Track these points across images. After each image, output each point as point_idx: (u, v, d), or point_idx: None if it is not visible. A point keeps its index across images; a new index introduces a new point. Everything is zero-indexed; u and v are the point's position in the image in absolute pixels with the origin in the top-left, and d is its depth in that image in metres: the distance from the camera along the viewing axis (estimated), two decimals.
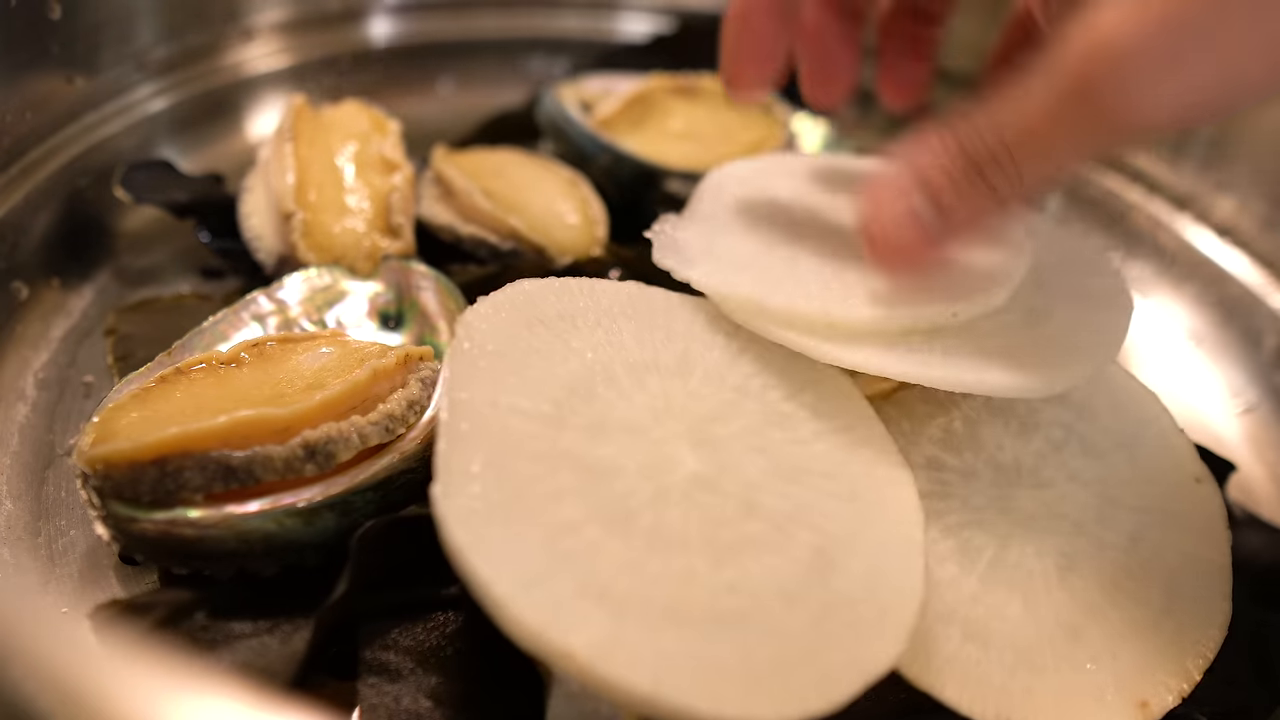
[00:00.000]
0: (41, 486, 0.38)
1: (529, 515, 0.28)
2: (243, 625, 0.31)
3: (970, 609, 0.32)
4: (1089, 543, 0.34)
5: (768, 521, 0.30)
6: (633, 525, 0.28)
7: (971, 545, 0.33)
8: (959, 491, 0.34)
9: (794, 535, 0.30)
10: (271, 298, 0.40)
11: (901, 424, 0.35)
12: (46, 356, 0.43)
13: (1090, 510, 0.34)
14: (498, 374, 0.31)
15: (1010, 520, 0.34)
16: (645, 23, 0.69)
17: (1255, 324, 0.51)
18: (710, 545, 0.28)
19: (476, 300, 0.33)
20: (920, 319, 0.34)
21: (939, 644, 0.31)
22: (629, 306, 0.35)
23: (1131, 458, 0.36)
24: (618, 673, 0.25)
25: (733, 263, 0.36)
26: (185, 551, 0.31)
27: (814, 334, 0.33)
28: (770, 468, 0.31)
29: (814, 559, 0.29)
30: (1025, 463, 0.35)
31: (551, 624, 0.25)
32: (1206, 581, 0.34)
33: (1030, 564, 0.33)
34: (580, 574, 0.27)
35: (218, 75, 0.58)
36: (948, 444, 0.35)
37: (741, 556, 0.28)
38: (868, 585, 0.29)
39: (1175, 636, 0.32)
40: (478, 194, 0.46)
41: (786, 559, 0.29)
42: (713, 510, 0.29)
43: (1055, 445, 0.36)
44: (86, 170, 0.49)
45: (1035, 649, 0.31)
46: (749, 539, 0.29)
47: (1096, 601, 0.32)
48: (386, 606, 0.33)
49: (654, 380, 0.33)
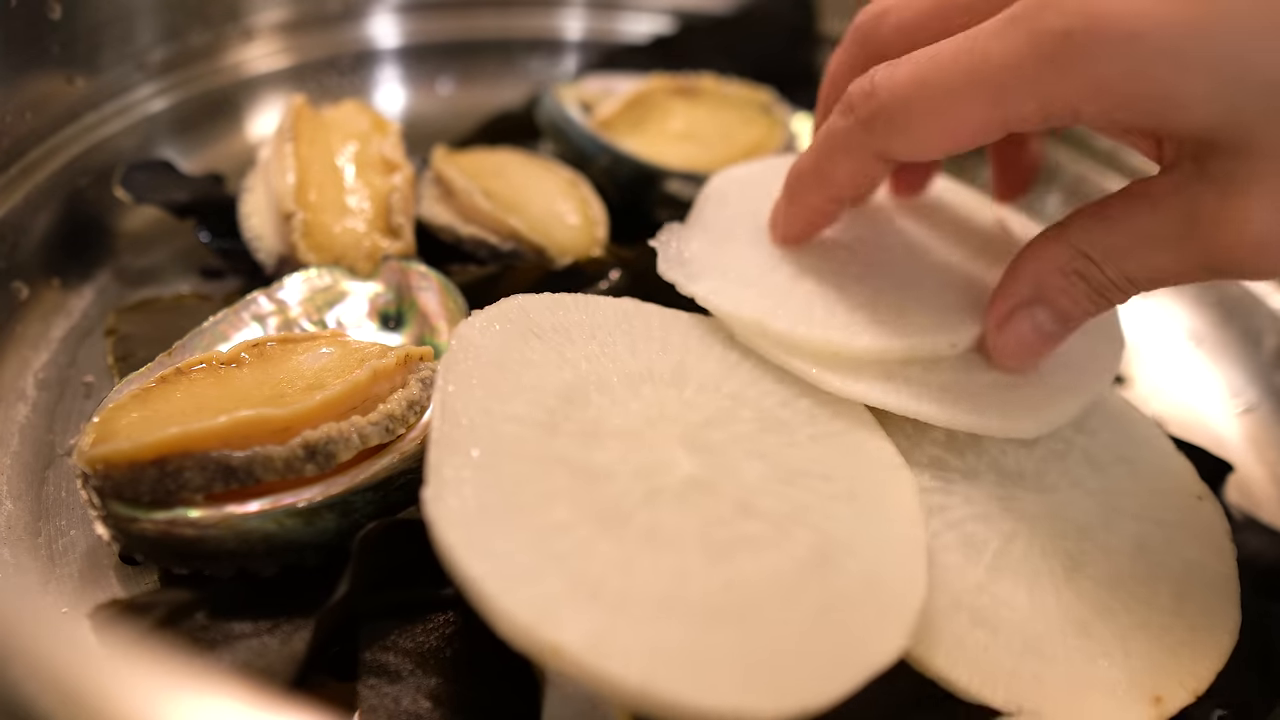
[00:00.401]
0: (42, 486, 0.38)
1: (520, 515, 0.28)
2: (243, 625, 0.31)
3: (976, 597, 0.32)
4: (1094, 546, 0.34)
5: (765, 521, 0.30)
6: (626, 525, 0.28)
7: (976, 539, 0.33)
8: (962, 489, 0.34)
9: (792, 534, 0.30)
10: (272, 298, 0.40)
11: (905, 426, 0.35)
12: (47, 356, 0.43)
13: (1094, 516, 0.35)
14: (491, 383, 0.31)
15: (1014, 518, 0.34)
16: (645, 23, 0.69)
17: (1255, 324, 0.51)
18: (705, 544, 0.28)
19: (472, 312, 0.33)
20: (920, 349, 0.34)
21: (947, 628, 0.31)
22: (624, 321, 0.35)
23: (1133, 472, 0.36)
24: (609, 667, 0.25)
25: (737, 279, 0.36)
26: (185, 551, 0.31)
27: (815, 360, 0.34)
28: (767, 470, 0.31)
29: (812, 558, 0.29)
30: (1028, 468, 0.35)
31: (542, 620, 0.25)
32: (1214, 589, 0.34)
33: (1036, 562, 0.33)
34: (571, 572, 0.27)
35: (218, 75, 0.58)
36: (951, 446, 0.35)
37: (738, 555, 0.28)
38: (867, 584, 0.29)
39: (1187, 637, 0.32)
40: (478, 194, 0.46)
41: (784, 557, 0.29)
42: (708, 511, 0.29)
43: (1058, 455, 0.36)
44: (86, 170, 0.49)
45: (1044, 638, 0.31)
46: (745, 538, 0.29)
47: (1105, 601, 0.32)
48: (387, 607, 0.33)
49: (649, 389, 0.33)
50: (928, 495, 0.33)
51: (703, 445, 0.31)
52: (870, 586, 0.29)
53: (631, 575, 0.27)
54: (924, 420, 0.33)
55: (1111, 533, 0.34)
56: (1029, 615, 0.32)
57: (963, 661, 0.30)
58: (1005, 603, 0.32)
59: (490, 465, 0.29)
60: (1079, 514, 0.34)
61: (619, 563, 0.27)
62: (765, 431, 0.33)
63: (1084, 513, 0.35)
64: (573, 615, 0.26)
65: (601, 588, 0.26)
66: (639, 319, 0.36)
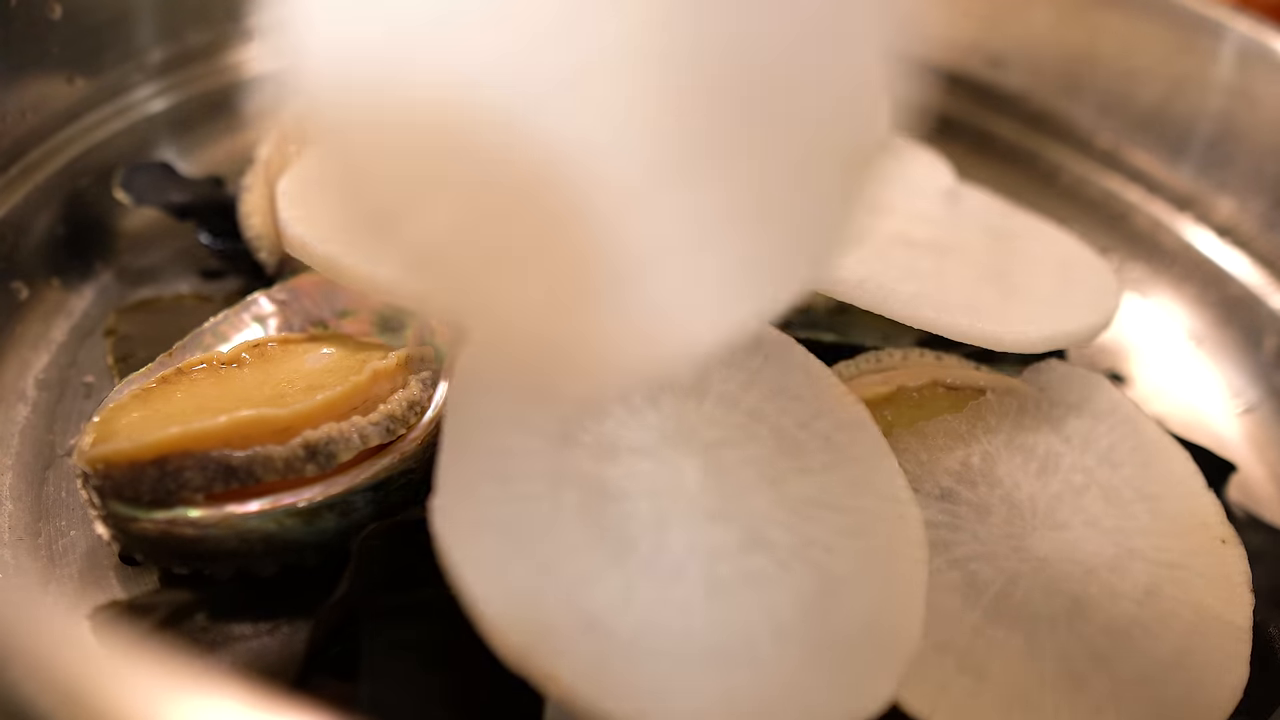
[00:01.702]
0: (42, 487, 0.37)
1: (527, 536, 0.27)
2: (243, 626, 0.31)
3: (970, 640, 0.31)
4: (1101, 590, 0.33)
5: (770, 556, 0.29)
6: (631, 552, 0.28)
7: (979, 579, 0.32)
8: (970, 525, 0.34)
9: (795, 571, 0.29)
10: (272, 299, 0.40)
11: (919, 454, 0.35)
12: (47, 357, 0.43)
13: (1105, 557, 0.33)
14: (506, 389, 0.30)
15: (1020, 558, 0.33)
16: None
17: (1256, 324, 0.51)
18: (708, 577, 0.28)
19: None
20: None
21: (932, 671, 0.30)
22: None
23: (1154, 510, 0.35)
24: (601, 702, 0.25)
25: None
26: (185, 551, 0.31)
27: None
28: (778, 498, 0.31)
29: (813, 597, 0.29)
30: (1041, 503, 0.35)
31: (538, 647, 0.25)
32: (1223, 642, 0.32)
33: (1037, 606, 0.32)
34: (572, 600, 0.26)
35: (218, 75, 0.58)
36: (963, 477, 0.35)
37: (739, 591, 0.28)
38: (865, 627, 0.28)
39: (1185, 694, 0.31)
40: None
41: (785, 596, 0.28)
42: (715, 540, 0.29)
43: (1075, 490, 0.35)
44: (86, 170, 0.49)
45: (1035, 690, 0.30)
46: (749, 573, 0.29)
47: (1104, 650, 0.31)
48: (387, 607, 0.33)
49: (668, 400, 0.32)
50: (934, 530, 0.33)
51: (716, 466, 0.31)
52: (867, 632, 0.28)
53: (630, 608, 0.27)
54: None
55: (1121, 577, 0.33)
56: (1022, 663, 0.31)
57: (944, 707, 0.29)
58: (999, 648, 0.31)
59: (501, 478, 0.28)
60: (1089, 555, 0.33)
61: (620, 591, 0.27)
62: (781, 454, 0.32)
63: (1094, 553, 0.33)
64: (569, 646, 0.25)
65: (600, 619, 0.26)
66: None
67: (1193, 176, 0.56)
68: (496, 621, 0.25)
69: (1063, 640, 0.31)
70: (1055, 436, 0.37)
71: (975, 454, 0.36)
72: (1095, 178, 0.59)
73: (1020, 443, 0.36)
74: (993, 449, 0.36)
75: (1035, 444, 0.36)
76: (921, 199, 0.44)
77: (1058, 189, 0.60)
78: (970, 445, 0.36)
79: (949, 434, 0.36)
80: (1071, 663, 0.31)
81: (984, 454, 0.36)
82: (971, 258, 0.40)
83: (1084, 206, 0.58)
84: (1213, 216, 0.55)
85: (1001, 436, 0.36)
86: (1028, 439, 0.36)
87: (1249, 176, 0.54)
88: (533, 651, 0.25)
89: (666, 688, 0.26)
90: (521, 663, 0.25)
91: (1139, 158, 0.58)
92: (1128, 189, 0.58)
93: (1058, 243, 0.44)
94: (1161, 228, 0.56)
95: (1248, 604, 0.33)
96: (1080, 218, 0.54)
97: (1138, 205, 0.58)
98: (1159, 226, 0.57)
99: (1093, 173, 0.59)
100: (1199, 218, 0.55)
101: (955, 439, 0.36)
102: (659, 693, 0.25)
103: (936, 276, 0.38)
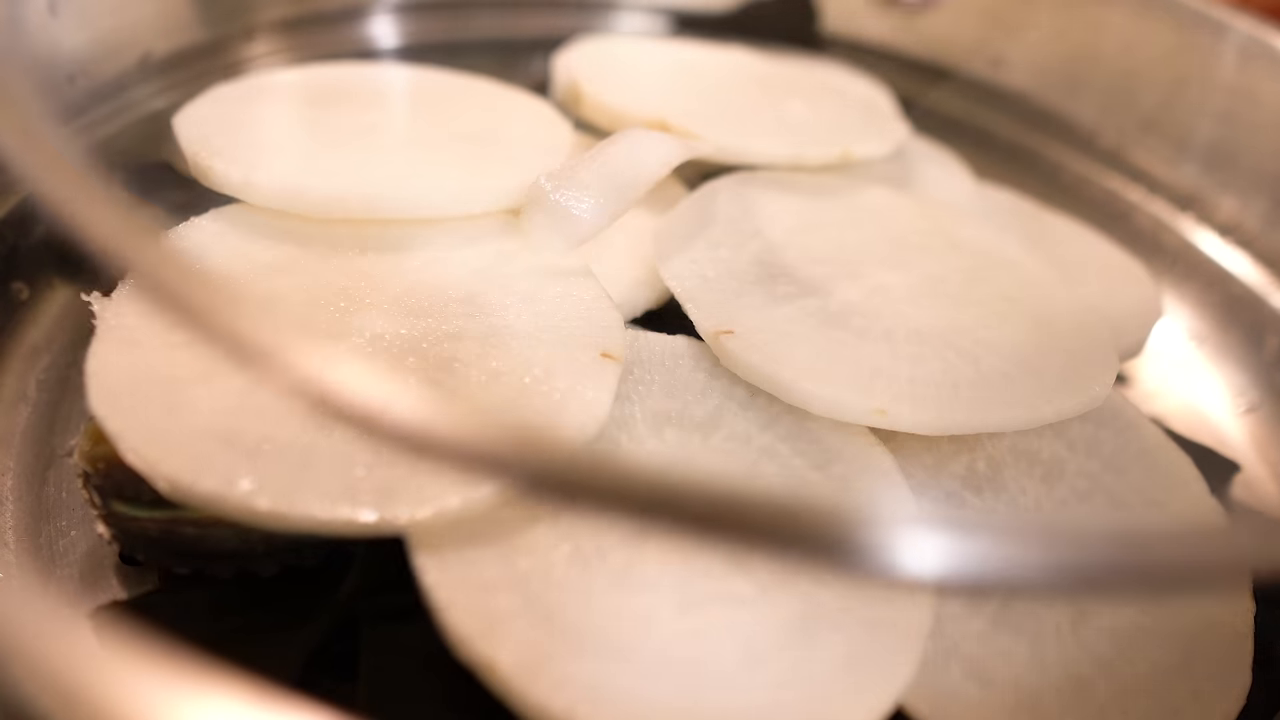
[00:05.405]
0: (42, 487, 0.37)
1: (494, 532, 0.27)
2: (243, 626, 0.31)
3: (974, 647, 0.31)
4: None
5: (754, 582, 0.29)
6: (600, 560, 0.28)
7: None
8: None
9: (778, 600, 0.29)
10: None
11: (924, 458, 0.35)
12: (48, 358, 0.43)
13: None
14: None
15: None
16: (645, 22, 0.69)
17: (1258, 324, 0.51)
18: (680, 593, 0.28)
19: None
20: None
21: (939, 679, 0.30)
22: (670, 359, 0.34)
23: (1158, 516, 0.35)
24: (535, 692, 0.24)
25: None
26: (186, 550, 0.31)
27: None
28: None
29: (795, 627, 0.28)
30: (1046, 509, 0.35)
31: (483, 634, 0.25)
32: (1226, 648, 0.32)
33: (1041, 612, 0.32)
34: (530, 595, 0.26)
35: (218, 75, 0.58)
36: (969, 482, 0.35)
37: (713, 610, 0.28)
38: (848, 663, 0.28)
39: (1190, 698, 0.31)
40: None
41: (764, 621, 0.28)
42: (696, 562, 0.28)
43: (1080, 496, 0.35)
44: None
45: (1040, 696, 0.30)
46: (728, 595, 0.28)
47: (1109, 656, 0.31)
48: (387, 608, 0.33)
49: (672, 432, 0.32)
50: None
51: None
52: (850, 667, 0.27)
53: (590, 607, 0.27)
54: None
55: None
56: (1027, 670, 0.30)
57: (951, 715, 0.29)
58: (1004, 655, 0.31)
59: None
60: None
61: (581, 593, 0.27)
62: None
63: None
64: (517, 636, 0.25)
65: (556, 614, 0.26)
66: (687, 360, 0.34)
67: (1194, 176, 0.56)
68: (447, 605, 0.25)
69: (1067, 647, 0.31)
70: (1059, 442, 0.36)
71: (980, 460, 0.35)
72: (1096, 177, 0.59)
73: (1025, 448, 0.36)
74: (998, 455, 0.36)
75: (1040, 449, 0.36)
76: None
77: (1059, 188, 0.60)
78: (975, 451, 0.36)
79: (954, 439, 0.36)
80: (1076, 669, 0.31)
81: (989, 460, 0.36)
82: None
83: (1085, 206, 0.58)
84: (1214, 216, 0.55)
85: (1006, 442, 0.36)
86: (1032, 445, 0.36)
87: (1250, 176, 0.54)
88: (477, 638, 0.25)
89: (612, 687, 0.25)
90: (464, 648, 0.25)
91: (1140, 157, 0.58)
92: (1129, 188, 0.58)
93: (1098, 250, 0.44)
94: (1163, 227, 0.56)
95: (1250, 612, 0.33)
96: (1082, 217, 0.54)
97: (1139, 205, 0.58)
98: (1160, 226, 0.56)
99: (1094, 172, 0.59)
100: (1201, 217, 0.55)
101: (961, 444, 0.36)
102: (602, 691, 0.25)
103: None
